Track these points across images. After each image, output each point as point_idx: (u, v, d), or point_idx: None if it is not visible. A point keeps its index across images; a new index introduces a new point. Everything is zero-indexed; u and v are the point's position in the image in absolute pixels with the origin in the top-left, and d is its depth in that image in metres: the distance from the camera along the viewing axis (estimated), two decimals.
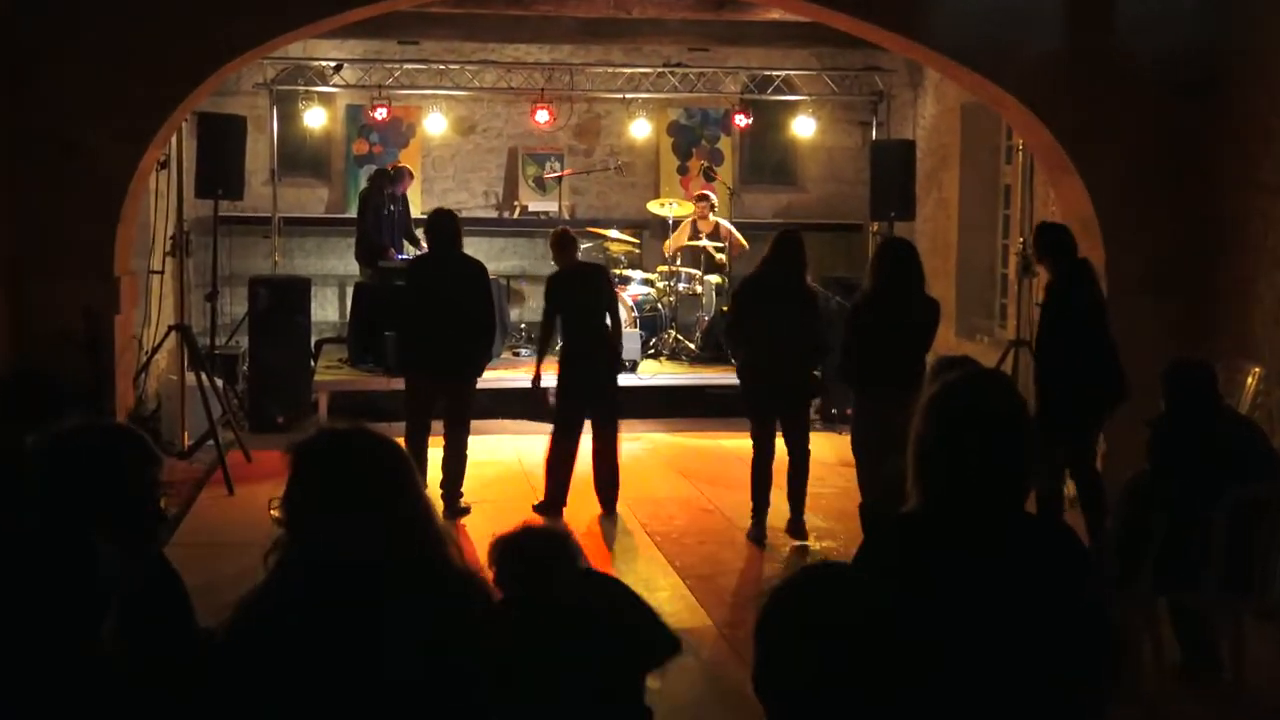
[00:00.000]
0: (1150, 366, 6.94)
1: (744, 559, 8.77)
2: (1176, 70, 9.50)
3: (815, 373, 9.22)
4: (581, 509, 9.54)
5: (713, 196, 14.53)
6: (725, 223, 14.40)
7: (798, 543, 8.86)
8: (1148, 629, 6.26)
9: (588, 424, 9.54)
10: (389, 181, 13.94)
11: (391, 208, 13.87)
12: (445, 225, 9.60)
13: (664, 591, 7.96)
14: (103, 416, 8.41)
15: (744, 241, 14.13)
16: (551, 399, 9.87)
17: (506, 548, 4.02)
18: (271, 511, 2.86)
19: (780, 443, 9.02)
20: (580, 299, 9.51)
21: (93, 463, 3.17)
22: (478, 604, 2.94)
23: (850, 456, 8.55)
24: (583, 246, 10.97)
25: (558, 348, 9.78)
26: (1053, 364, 8.12)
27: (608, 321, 9.55)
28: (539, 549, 4.01)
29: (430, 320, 9.29)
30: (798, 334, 8.70)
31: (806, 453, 8.94)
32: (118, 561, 2.56)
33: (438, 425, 9.48)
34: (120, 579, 2.55)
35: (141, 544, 3.19)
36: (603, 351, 9.54)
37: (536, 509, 9.38)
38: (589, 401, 9.53)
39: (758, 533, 9.00)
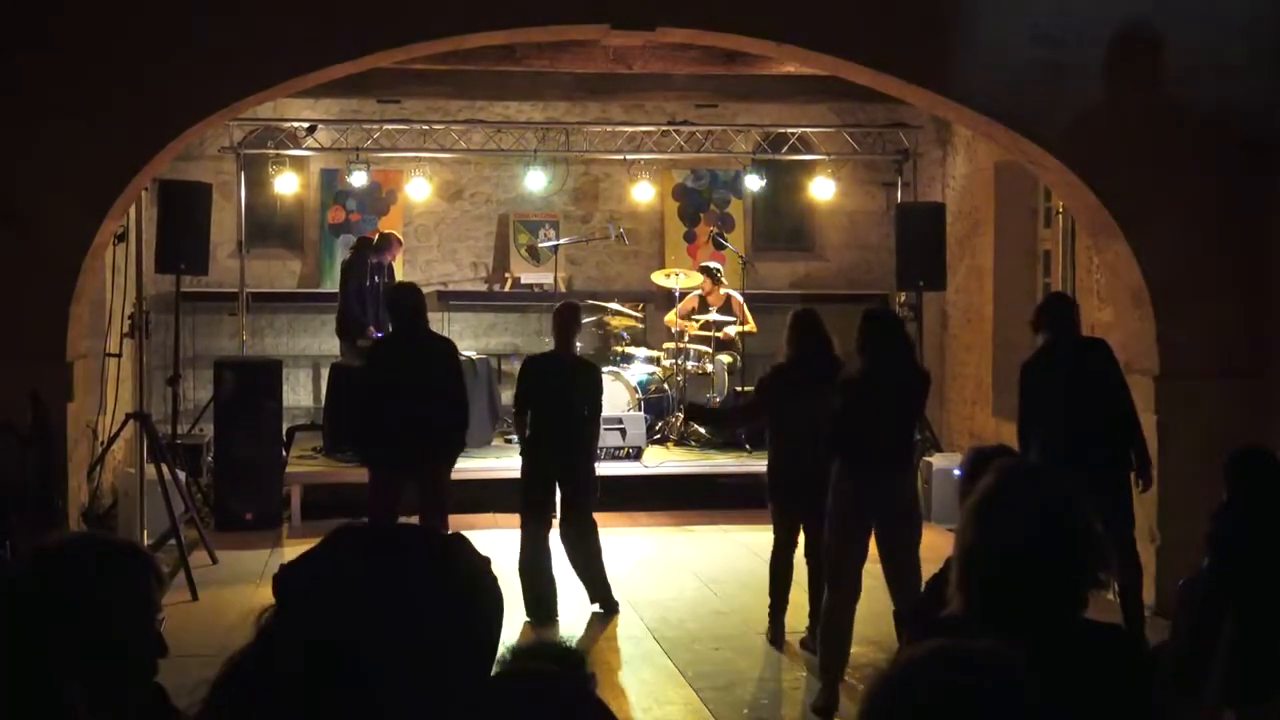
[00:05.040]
0: (1209, 453, 6.91)
1: (764, 667, 8.68)
2: (1235, 125, 9.53)
3: None
4: (579, 612, 9.49)
5: (716, 267, 14.58)
6: (737, 295, 14.41)
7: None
8: None
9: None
10: (372, 250, 13.96)
11: (375, 279, 13.87)
12: (406, 301, 9.63)
13: (675, 705, 7.88)
14: (59, 517, 8.41)
15: (753, 325, 14.11)
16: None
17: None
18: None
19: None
20: (551, 388, 9.49)
21: (84, 589, 2.99)
22: None
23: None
24: (582, 321, 10.89)
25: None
26: None
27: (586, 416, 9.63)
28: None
29: (396, 406, 9.27)
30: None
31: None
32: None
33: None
34: None
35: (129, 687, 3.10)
36: (567, 448, 9.51)
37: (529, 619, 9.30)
38: (558, 482, 9.56)
39: (775, 633, 8.95)
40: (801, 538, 8.87)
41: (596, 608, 9.61)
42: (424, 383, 9.31)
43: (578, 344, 9.99)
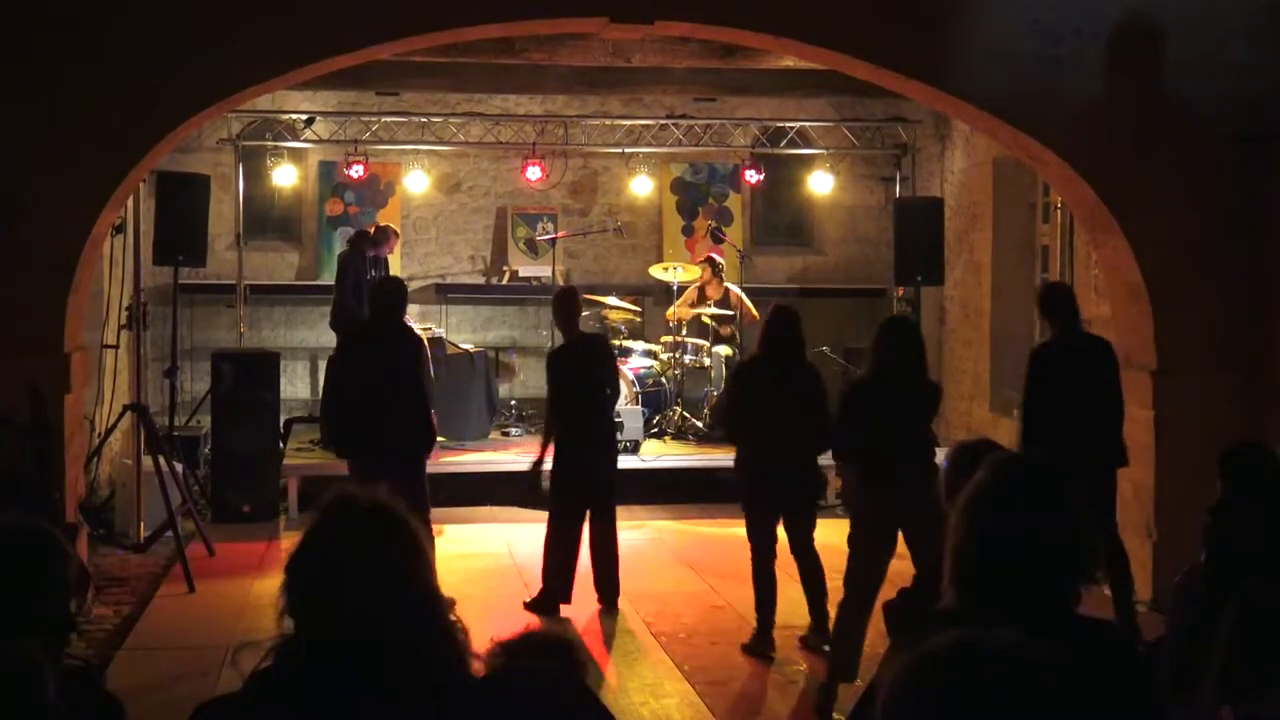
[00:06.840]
0: (1206, 448, 6.89)
1: (760, 661, 8.67)
2: (1232, 121, 9.52)
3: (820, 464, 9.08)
4: (579, 605, 9.46)
5: (719, 259, 14.55)
6: (735, 288, 14.41)
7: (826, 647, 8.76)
8: None
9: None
10: (370, 243, 13.94)
11: (372, 273, 13.85)
12: (381, 294, 9.72)
13: (672, 698, 7.88)
14: (56, 509, 8.40)
15: (755, 312, 14.13)
16: (545, 484, 9.82)
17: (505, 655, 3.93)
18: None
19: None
20: (580, 377, 9.49)
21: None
22: None
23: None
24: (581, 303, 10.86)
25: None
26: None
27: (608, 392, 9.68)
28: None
29: (365, 396, 9.27)
30: (800, 422, 8.54)
31: (814, 555, 8.76)
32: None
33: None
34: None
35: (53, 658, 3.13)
36: (602, 437, 9.58)
37: (529, 606, 9.32)
38: (588, 490, 9.50)
39: (764, 647, 8.70)
40: (784, 537, 8.83)
41: (600, 606, 9.61)
42: (390, 376, 9.33)
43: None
